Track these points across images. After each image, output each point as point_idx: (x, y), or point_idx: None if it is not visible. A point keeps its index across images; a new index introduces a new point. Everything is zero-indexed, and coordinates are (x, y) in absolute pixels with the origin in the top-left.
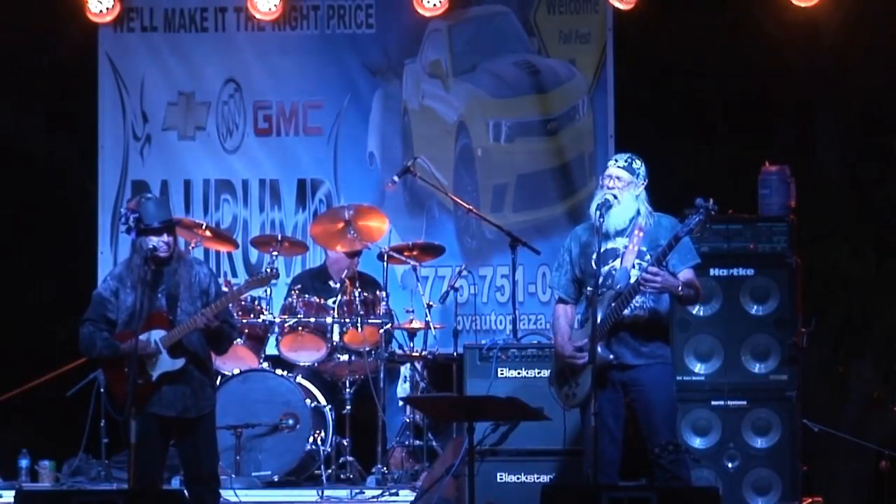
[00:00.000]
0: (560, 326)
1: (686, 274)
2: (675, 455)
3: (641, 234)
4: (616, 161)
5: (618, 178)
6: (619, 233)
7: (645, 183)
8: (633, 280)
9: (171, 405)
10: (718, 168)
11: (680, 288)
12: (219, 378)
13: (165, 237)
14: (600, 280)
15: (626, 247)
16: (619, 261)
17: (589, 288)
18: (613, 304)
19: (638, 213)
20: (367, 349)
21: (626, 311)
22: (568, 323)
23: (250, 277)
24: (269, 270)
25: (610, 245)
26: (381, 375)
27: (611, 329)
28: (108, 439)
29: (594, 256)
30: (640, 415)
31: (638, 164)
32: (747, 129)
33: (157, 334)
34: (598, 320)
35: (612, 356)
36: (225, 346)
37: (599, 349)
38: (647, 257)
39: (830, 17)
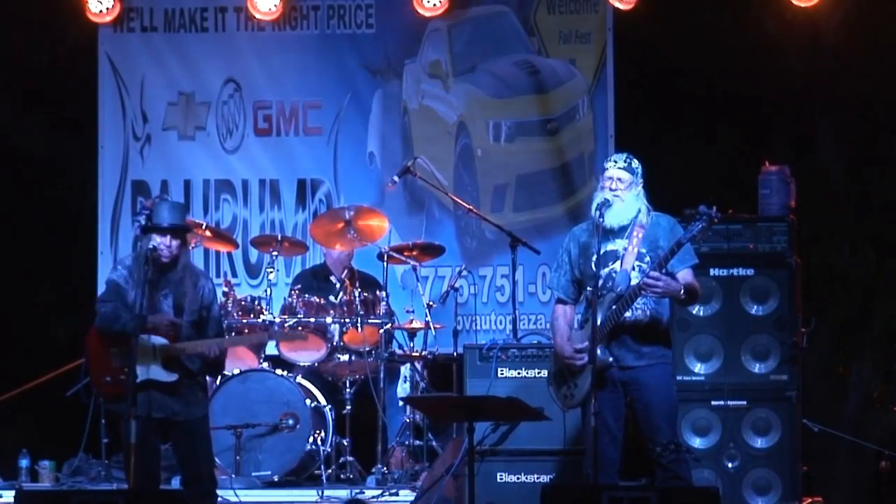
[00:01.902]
0: (559, 327)
1: (685, 275)
2: (675, 455)
3: (641, 234)
4: (616, 162)
5: (619, 179)
6: (620, 231)
7: (642, 181)
8: (633, 282)
9: (159, 408)
10: (718, 168)
11: (682, 292)
12: (219, 378)
13: (168, 240)
14: (600, 282)
15: (625, 249)
16: (618, 263)
17: (589, 289)
18: (614, 307)
19: (639, 211)
20: (367, 349)
21: (628, 315)
22: (567, 323)
23: (282, 332)
24: (300, 329)
25: (610, 247)
26: (381, 375)
27: (611, 331)
28: (108, 439)
29: (594, 258)
30: (640, 414)
31: (636, 163)
32: (747, 129)
33: (157, 340)
34: (598, 322)
35: (611, 358)
36: (219, 372)
37: (599, 351)
38: (647, 259)
39: (830, 17)
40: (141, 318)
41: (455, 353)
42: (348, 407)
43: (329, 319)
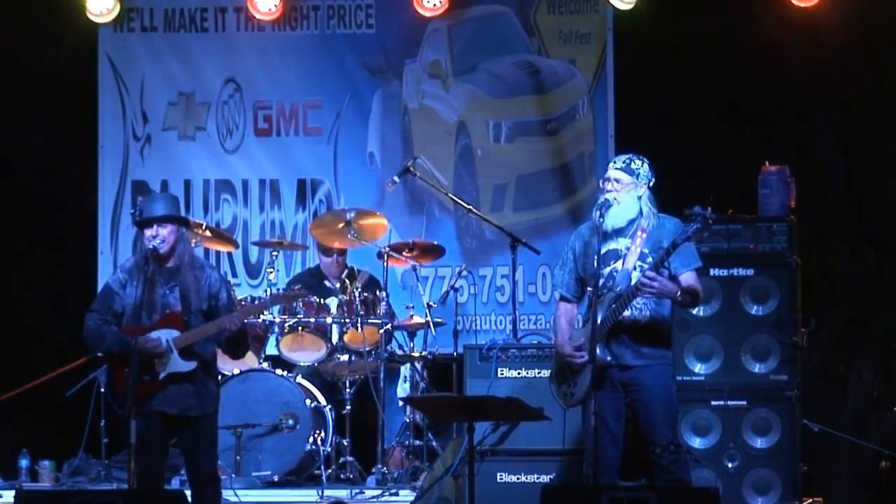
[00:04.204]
0: (560, 325)
1: (688, 278)
2: (675, 455)
3: (644, 235)
4: (615, 163)
5: (616, 180)
6: (620, 233)
7: (648, 183)
8: (633, 282)
9: (173, 403)
10: (718, 168)
11: (678, 293)
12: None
13: (156, 229)
14: (601, 281)
15: (628, 248)
16: (620, 262)
17: (589, 288)
18: (613, 306)
19: (640, 213)
20: (367, 349)
21: (627, 314)
22: (568, 321)
23: (280, 293)
24: (296, 288)
25: (612, 246)
26: (381, 375)
27: (611, 331)
28: (108, 439)
29: (595, 257)
30: (640, 415)
31: (637, 164)
32: (747, 129)
33: (168, 334)
34: (598, 321)
35: (610, 357)
36: (243, 350)
37: (598, 350)
38: (649, 259)
39: (830, 17)
40: (126, 342)
41: (455, 353)
42: (348, 407)
43: (329, 319)
